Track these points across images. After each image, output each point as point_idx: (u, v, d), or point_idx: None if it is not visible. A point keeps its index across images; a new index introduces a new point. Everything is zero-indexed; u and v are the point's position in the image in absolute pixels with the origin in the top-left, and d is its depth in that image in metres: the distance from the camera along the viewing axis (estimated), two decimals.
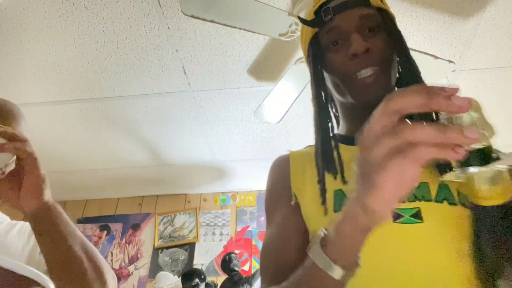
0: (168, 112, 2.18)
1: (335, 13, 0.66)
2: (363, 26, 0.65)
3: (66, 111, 2.15)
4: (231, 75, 1.94)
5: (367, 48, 0.62)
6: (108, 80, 1.94)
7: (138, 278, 2.69)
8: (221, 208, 2.97)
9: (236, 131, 2.36)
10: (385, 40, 0.66)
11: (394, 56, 0.68)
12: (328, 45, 0.68)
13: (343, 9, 0.66)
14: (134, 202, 3.08)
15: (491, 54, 1.82)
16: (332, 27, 0.67)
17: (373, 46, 0.64)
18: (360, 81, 0.63)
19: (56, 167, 2.68)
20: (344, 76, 0.66)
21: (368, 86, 0.63)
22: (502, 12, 1.62)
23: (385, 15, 0.68)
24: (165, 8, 1.58)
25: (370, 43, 0.63)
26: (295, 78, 1.69)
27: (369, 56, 0.63)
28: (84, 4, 1.56)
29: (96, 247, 2.82)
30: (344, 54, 0.65)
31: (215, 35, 1.71)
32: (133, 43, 1.73)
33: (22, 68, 1.86)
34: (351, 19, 0.65)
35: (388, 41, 0.66)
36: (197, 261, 2.71)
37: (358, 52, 0.62)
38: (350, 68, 0.64)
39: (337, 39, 0.66)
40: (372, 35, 0.65)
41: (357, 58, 0.63)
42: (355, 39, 0.63)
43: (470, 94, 0.31)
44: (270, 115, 1.90)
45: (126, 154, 2.56)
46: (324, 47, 0.69)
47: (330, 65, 0.68)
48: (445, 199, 0.57)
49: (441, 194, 0.58)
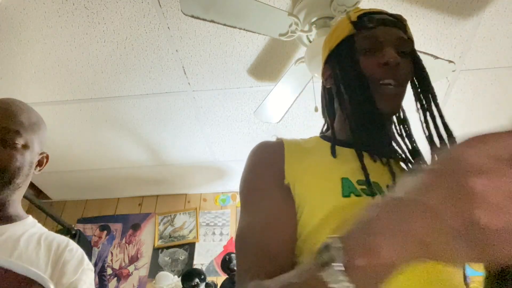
0: (168, 112, 2.18)
1: (378, 25, 0.72)
2: (398, 46, 0.70)
3: (66, 111, 2.15)
4: (231, 75, 1.94)
5: (398, 62, 0.67)
6: (108, 80, 1.94)
7: (138, 278, 2.69)
8: (221, 208, 2.97)
9: (236, 131, 2.36)
10: (411, 65, 0.72)
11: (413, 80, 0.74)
12: (363, 49, 0.72)
13: (386, 24, 0.72)
14: (134, 202, 3.08)
15: (491, 54, 1.82)
16: (372, 35, 0.71)
17: (402, 64, 0.69)
18: (382, 90, 0.68)
19: (56, 167, 2.68)
20: (370, 79, 0.69)
21: (388, 97, 0.68)
22: (502, 12, 1.62)
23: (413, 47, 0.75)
24: (165, 8, 1.58)
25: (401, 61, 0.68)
26: (295, 78, 1.69)
27: (397, 70, 0.68)
28: (84, 4, 1.56)
29: (96, 247, 2.83)
30: (376, 61, 0.69)
31: (215, 35, 1.71)
32: (133, 43, 1.73)
33: (22, 68, 1.86)
34: (390, 35, 0.70)
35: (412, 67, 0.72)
36: (197, 261, 2.70)
37: (390, 62, 0.67)
38: (378, 74, 0.68)
39: (373, 47, 0.71)
40: (402, 56, 0.70)
41: (387, 68, 0.68)
42: (390, 51, 0.68)
43: (470, 94, 0.31)
44: (270, 115, 1.90)
45: (126, 154, 2.56)
46: (358, 49, 0.72)
47: (359, 67, 0.71)
48: None
49: None
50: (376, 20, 0.72)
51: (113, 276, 2.72)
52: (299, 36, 1.52)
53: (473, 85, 1.99)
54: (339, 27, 0.78)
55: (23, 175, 0.90)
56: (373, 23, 0.71)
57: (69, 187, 2.96)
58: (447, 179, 0.29)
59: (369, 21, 0.72)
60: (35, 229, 0.94)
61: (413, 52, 0.73)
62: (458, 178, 0.28)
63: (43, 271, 0.85)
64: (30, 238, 0.90)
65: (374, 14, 0.73)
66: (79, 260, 0.93)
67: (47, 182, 2.91)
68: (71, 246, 0.94)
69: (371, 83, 0.68)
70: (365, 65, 0.70)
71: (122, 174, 2.80)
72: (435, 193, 0.30)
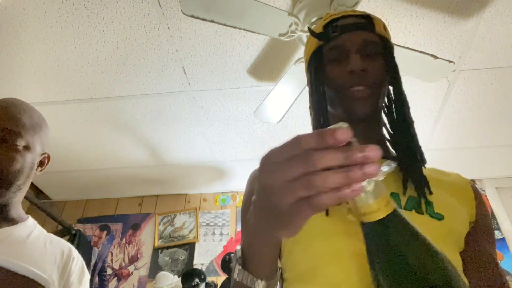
0: (168, 112, 2.18)
1: (342, 32, 0.72)
2: (364, 49, 0.71)
3: (66, 111, 2.15)
4: (231, 75, 1.94)
5: (364, 68, 0.68)
6: (108, 80, 1.94)
7: (138, 278, 2.69)
8: (221, 208, 2.97)
9: (236, 131, 2.36)
10: (381, 66, 0.72)
11: (386, 82, 0.74)
12: (330, 59, 0.73)
13: (350, 30, 0.72)
14: (134, 202, 3.08)
15: (491, 54, 1.82)
16: (337, 44, 0.73)
17: (369, 68, 0.70)
18: (352, 95, 0.69)
19: (56, 167, 2.68)
20: (339, 88, 0.71)
21: (358, 100, 0.69)
22: (502, 12, 1.62)
23: (386, 44, 0.74)
24: (165, 8, 1.58)
25: (367, 65, 0.70)
26: (295, 78, 1.69)
27: (364, 75, 0.69)
28: (84, 4, 1.56)
29: (96, 247, 2.83)
30: (342, 69, 0.71)
31: (215, 35, 1.71)
32: (133, 43, 1.73)
33: (22, 68, 1.86)
34: (355, 40, 0.71)
35: (383, 67, 0.72)
36: (197, 261, 2.70)
37: (355, 69, 0.68)
38: (345, 82, 0.70)
39: (339, 56, 0.72)
40: (370, 58, 0.71)
41: (353, 75, 0.69)
42: (354, 58, 0.69)
43: (470, 94, 0.31)
44: (270, 115, 1.90)
45: (126, 154, 2.56)
46: (326, 60, 0.74)
47: (328, 77, 0.73)
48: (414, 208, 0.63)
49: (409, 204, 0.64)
50: (340, 27, 0.72)
51: (113, 276, 2.72)
52: (299, 36, 1.52)
53: (473, 85, 1.99)
54: (309, 40, 0.80)
55: (23, 177, 0.90)
56: (337, 31, 0.72)
57: (69, 187, 2.96)
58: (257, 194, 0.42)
59: (333, 30, 0.73)
60: (37, 231, 0.95)
61: (384, 51, 0.73)
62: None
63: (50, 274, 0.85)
64: (35, 240, 0.91)
65: (339, 20, 0.74)
66: (82, 270, 0.96)
67: (47, 182, 2.91)
68: (74, 254, 0.96)
69: (341, 90, 0.71)
70: (334, 75, 0.72)
71: (122, 174, 2.80)
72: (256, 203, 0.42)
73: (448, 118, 2.23)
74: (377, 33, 0.73)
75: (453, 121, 2.25)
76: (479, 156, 2.59)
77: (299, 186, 0.34)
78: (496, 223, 2.59)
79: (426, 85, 1.98)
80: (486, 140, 2.42)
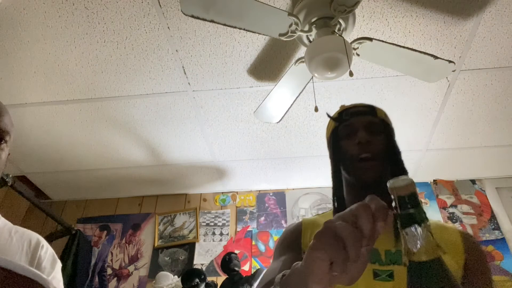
0: (168, 112, 2.18)
1: (352, 116, 0.96)
2: (369, 128, 0.92)
3: (66, 111, 2.15)
4: (231, 75, 1.94)
5: (368, 140, 0.89)
6: (108, 80, 1.94)
7: (138, 278, 2.69)
8: (221, 208, 2.97)
9: (236, 131, 2.36)
10: (382, 140, 0.92)
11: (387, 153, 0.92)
12: (343, 135, 0.95)
13: (358, 115, 0.95)
14: (134, 202, 3.08)
15: (491, 54, 1.82)
16: (348, 124, 0.95)
17: (373, 141, 0.90)
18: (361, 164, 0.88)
19: (56, 167, 2.68)
20: (351, 158, 0.90)
21: (367, 169, 0.87)
22: (502, 12, 1.62)
23: (386, 125, 0.96)
24: (165, 8, 1.58)
25: (371, 139, 0.90)
26: (295, 78, 1.69)
27: (369, 146, 0.89)
28: (84, 4, 1.56)
29: (96, 247, 2.83)
30: (352, 142, 0.92)
31: (215, 35, 1.71)
32: (133, 43, 1.73)
33: (22, 68, 1.86)
34: (361, 121, 0.94)
35: (384, 142, 0.92)
36: (197, 261, 2.70)
37: (362, 140, 0.89)
38: (355, 152, 0.90)
39: (350, 133, 0.94)
40: (374, 134, 0.92)
41: (361, 145, 0.89)
42: (361, 133, 0.91)
43: (470, 94, 0.31)
44: (270, 115, 1.90)
45: (126, 154, 2.57)
46: (340, 136, 0.96)
47: (342, 149, 0.94)
48: None
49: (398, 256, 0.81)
50: (350, 113, 0.96)
51: (113, 276, 2.72)
52: (299, 36, 1.52)
53: (473, 85, 1.99)
54: (329, 124, 1.05)
55: None
56: (348, 115, 0.96)
57: (69, 187, 2.96)
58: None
59: (345, 115, 0.97)
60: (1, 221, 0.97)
61: (385, 130, 0.94)
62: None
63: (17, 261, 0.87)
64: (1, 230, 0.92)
65: (351, 109, 0.98)
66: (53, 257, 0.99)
67: (47, 182, 2.91)
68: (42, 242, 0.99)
69: (352, 160, 0.90)
70: (346, 147, 0.93)
71: (122, 174, 2.80)
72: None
73: (448, 118, 2.23)
74: (378, 117, 0.95)
75: (453, 121, 2.25)
76: (479, 156, 2.59)
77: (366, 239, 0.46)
78: (496, 223, 2.59)
79: (426, 85, 1.98)
80: (486, 140, 2.42)
